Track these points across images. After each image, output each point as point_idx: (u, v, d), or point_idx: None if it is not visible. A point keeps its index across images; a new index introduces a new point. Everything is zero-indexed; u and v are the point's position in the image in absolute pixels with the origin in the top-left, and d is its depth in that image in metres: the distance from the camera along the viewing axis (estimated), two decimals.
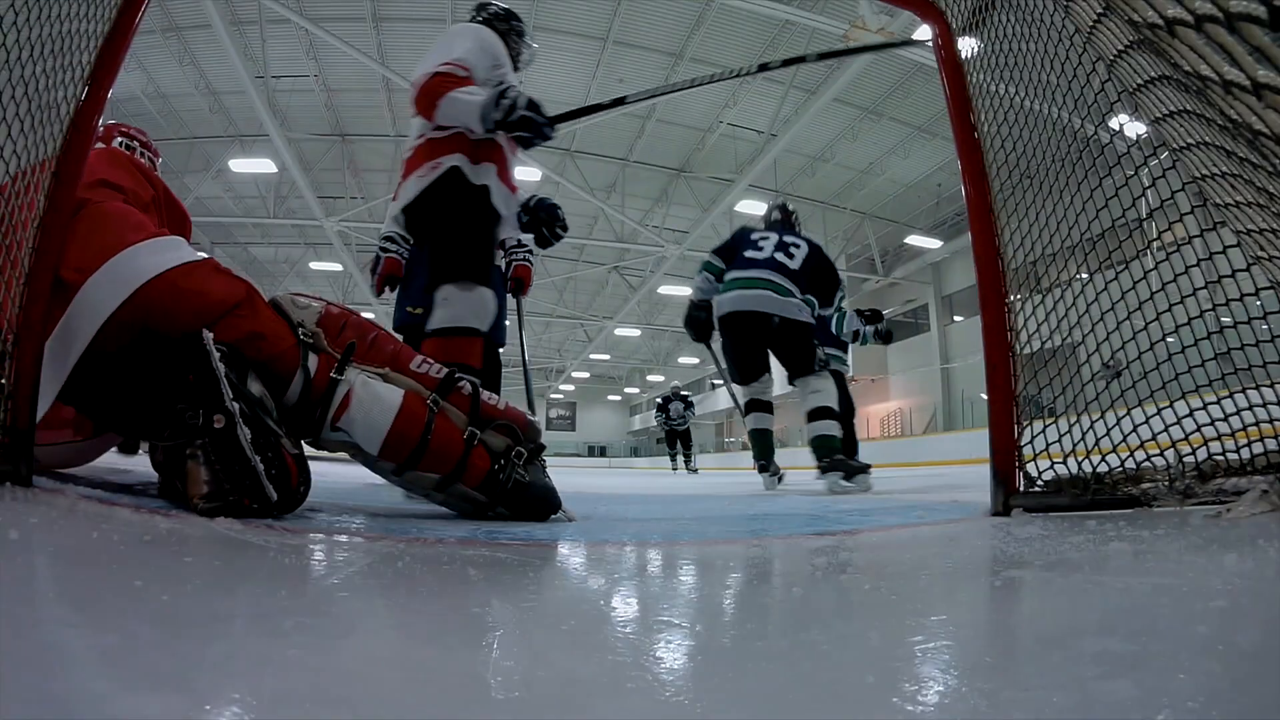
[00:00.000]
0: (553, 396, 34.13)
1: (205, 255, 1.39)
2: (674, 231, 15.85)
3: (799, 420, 3.77)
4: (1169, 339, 1.27)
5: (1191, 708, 0.35)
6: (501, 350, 3.38)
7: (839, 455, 3.31)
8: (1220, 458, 1.23)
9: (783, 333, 3.63)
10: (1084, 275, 1.41)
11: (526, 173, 12.95)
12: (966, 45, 1.64)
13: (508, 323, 3.66)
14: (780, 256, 3.70)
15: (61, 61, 1.18)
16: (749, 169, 12.70)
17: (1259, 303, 1.13)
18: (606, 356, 28.93)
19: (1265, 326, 1.14)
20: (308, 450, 1.35)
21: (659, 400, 14.18)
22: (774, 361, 3.80)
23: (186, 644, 0.45)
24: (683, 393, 14.18)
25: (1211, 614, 0.54)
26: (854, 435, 4.67)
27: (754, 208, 14.45)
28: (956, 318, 18.14)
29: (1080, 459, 1.36)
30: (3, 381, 1.11)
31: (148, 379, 1.22)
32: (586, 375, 33.34)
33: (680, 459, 13.90)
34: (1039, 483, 1.41)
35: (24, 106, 1.11)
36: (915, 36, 2.54)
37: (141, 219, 1.38)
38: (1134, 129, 1.25)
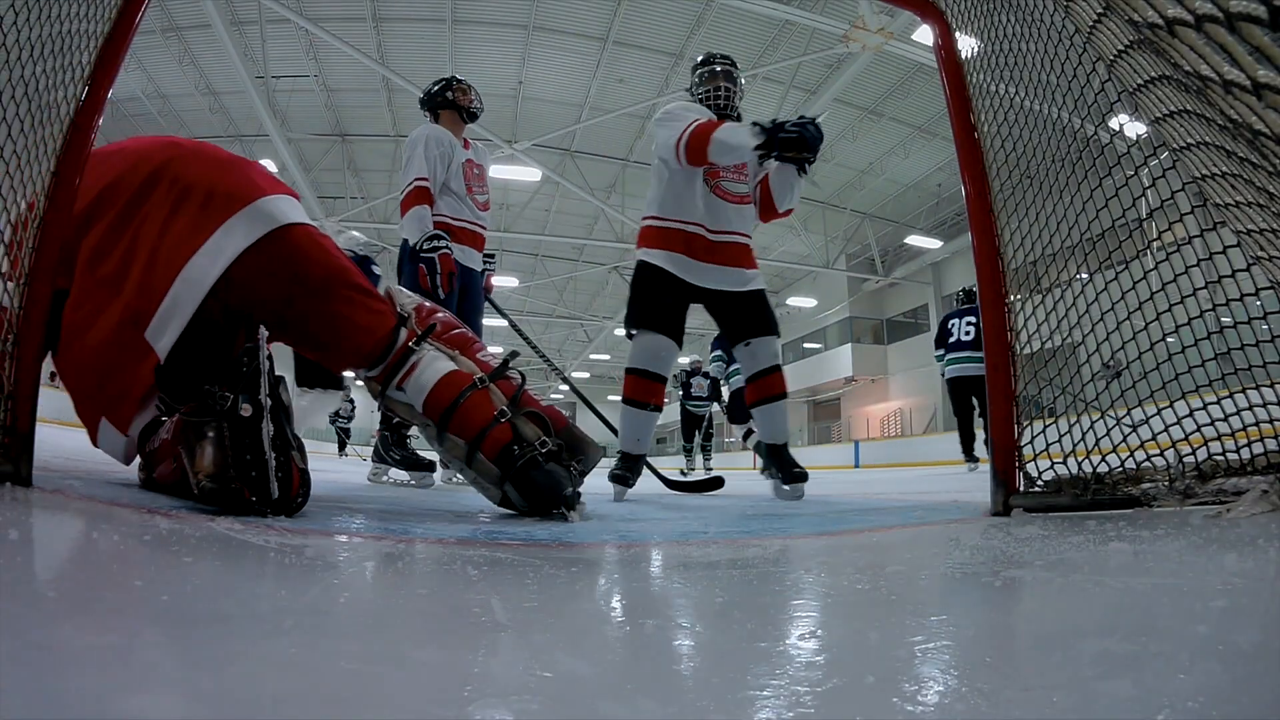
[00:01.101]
0: (553, 396, 34.16)
1: None
2: None
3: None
4: (1169, 339, 1.27)
5: (1191, 708, 0.35)
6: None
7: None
8: (1220, 458, 1.22)
9: None
10: (1084, 275, 1.41)
11: (526, 172, 12.95)
12: (966, 45, 1.65)
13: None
14: None
15: (61, 61, 1.18)
16: None
17: (1259, 303, 1.13)
18: (607, 356, 28.91)
19: (1265, 326, 1.14)
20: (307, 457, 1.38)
21: (683, 375, 10.18)
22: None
23: (186, 644, 0.45)
24: (706, 370, 9.97)
25: (1211, 614, 0.54)
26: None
27: None
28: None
29: (1080, 459, 1.36)
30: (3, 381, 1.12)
31: (219, 338, 1.33)
32: (586, 375, 33.34)
33: (698, 456, 10.25)
34: (1039, 483, 1.40)
35: (24, 106, 1.11)
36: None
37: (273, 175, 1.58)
38: (1134, 129, 1.25)
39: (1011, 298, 1.51)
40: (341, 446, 12.82)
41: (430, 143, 3.08)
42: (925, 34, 1.76)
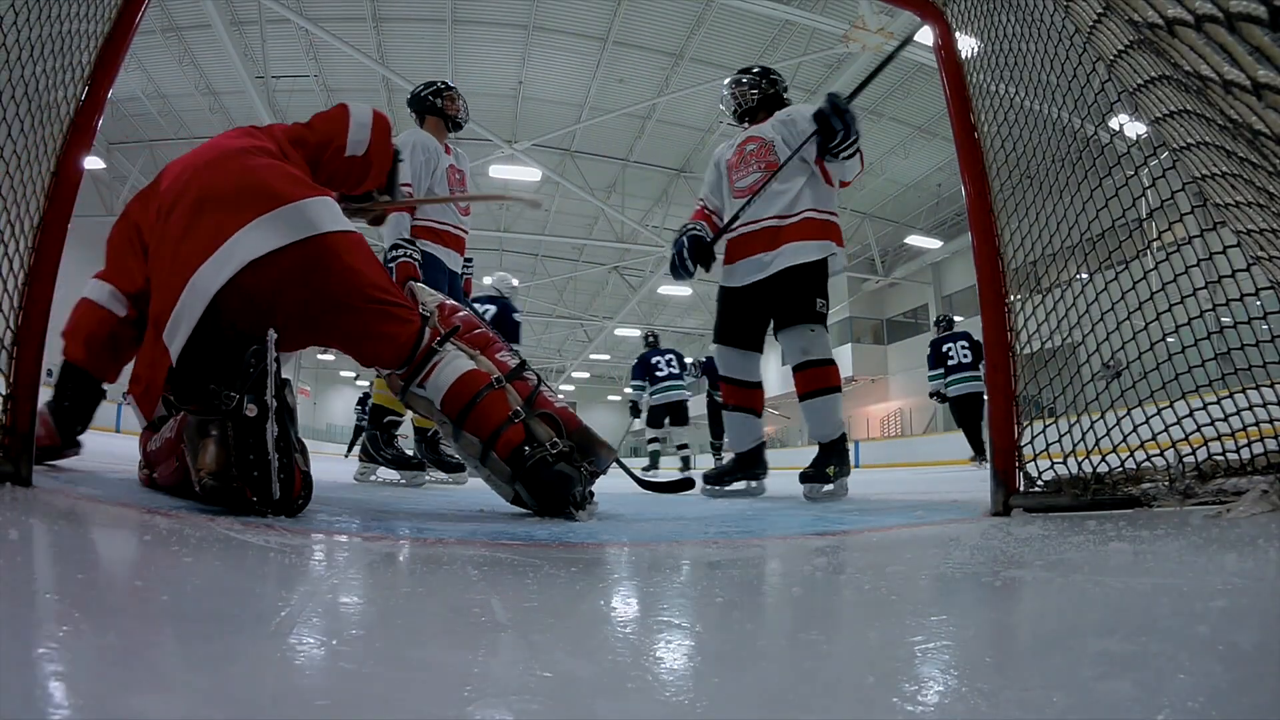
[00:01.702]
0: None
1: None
2: (674, 231, 15.84)
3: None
4: (1169, 339, 1.27)
5: (1191, 708, 0.35)
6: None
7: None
8: (1220, 458, 1.22)
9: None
10: (1084, 275, 1.41)
11: (526, 172, 12.94)
12: (966, 45, 1.65)
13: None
14: (675, 369, 8.08)
15: (61, 61, 1.18)
16: None
17: (1259, 303, 1.13)
18: (606, 356, 28.90)
19: (1265, 326, 1.14)
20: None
21: (639, 359, 8.35)
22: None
23: (186, 644, 0.45)
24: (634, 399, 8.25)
25: (1211, 614, 0.54)
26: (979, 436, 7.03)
27: None
28: (956, 318, 18.14)
29: (1080, 459, 1.36)
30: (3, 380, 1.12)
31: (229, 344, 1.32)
32: (586, 375, 33.32)
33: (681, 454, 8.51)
34: (1039, 483, 1.40)
35: (24, 106, 1.11)
36: (915, 38, 2.60)
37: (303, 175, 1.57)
38: (1134, 129, 1.25)
39: (1011, 298, 1.51)
40: (352, 445, 12.77)
41: (416, 150, 3.15)
42: (925, 34, 1.76)
